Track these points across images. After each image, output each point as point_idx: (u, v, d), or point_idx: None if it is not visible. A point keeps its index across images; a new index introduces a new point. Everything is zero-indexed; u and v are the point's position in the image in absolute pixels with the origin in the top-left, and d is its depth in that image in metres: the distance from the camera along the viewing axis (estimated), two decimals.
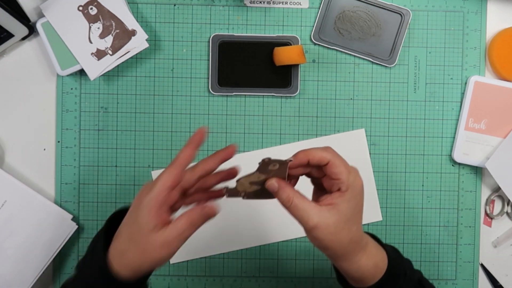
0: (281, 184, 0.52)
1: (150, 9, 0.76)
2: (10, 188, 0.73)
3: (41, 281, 0.75)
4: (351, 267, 0.53)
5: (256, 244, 0.77)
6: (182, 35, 0.77)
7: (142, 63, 0.77)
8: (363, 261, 0.54)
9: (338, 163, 0.51)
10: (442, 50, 0.77)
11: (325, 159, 0.51)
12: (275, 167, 0.52)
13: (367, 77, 0.77)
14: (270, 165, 0.52)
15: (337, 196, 0.51)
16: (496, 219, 0.78)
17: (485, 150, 0.75)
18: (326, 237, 0.50)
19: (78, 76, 0.76)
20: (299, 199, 0.51)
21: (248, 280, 0.77)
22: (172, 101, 0.77)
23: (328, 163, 0.51)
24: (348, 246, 0.52)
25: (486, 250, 0.78)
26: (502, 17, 0.78)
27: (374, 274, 0.55)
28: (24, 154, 0.76)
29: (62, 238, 0.74)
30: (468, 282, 0.77)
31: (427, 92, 0.77)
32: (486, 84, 0.75)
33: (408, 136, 0.77)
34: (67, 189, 0.76)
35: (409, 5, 0.77)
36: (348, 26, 0.76)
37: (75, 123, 0.76)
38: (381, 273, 0.55)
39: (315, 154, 0.52)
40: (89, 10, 0.72)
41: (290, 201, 0.51)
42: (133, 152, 0.77)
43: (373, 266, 0.54)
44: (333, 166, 0.51)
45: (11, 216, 0.73)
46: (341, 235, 0.51)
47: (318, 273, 0.77)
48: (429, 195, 0.77)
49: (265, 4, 0.77)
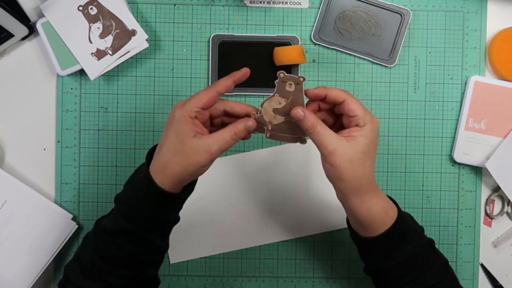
0: (306, 112, 0.55)
1: (150, 9, 0.76)
2: (10, 188, 0.74)
3: (41, 281, 0.75)
4: (362, 205, 0.56)
5: (256, 244, 0.77)
6: (182, 35, 0.77)
7: (142, 63, 0.77)
8: (373, 202, 0.56)
9: (354, 101, 0.56)
10: (442, 50, 0.77)
11: (342, 97, 0.56)
12: (291, 88, 0.57)
13: (367, 77, 0.77)
14: (286, 85, 0.57)
15: (355, 129, 0.55)
16: (496, 219, 0.78)
17: (485, 150, 0.75)
18: (342, 163, 0.53)
19: (78, 76, 0.76)
20: (321, 126, 0.55)
21: (248, 280, 0.77)
22: (172, 101, 0.77)
23: (344, 101, 0.56)
24: (362, 180, 0.55)
25: (486, 250, 0.78)
26: (502, 17, 0.78)
27: (384, 220, 0.57)
28: (24, 154, 0.76)
29: (62, 238, 0.74)
30: (468, 282, 0.77)
31: (427, 92, 0.77)
32: (486, 84, 0.75)
33: (408, 136, 0.77)
34: (67, 189, 0.76)
35: (409, 5, 0.77)
36: (348, 26, 0.76)
37: (75, 123, 0.76)
38: (390, 222, 0.57)
39: (333, 91, 0.56)
40: (89, 10, 0.72)
41: (314, 127, 0.55)
42: (133, 152, 0.77)
43: (382, 210, 0.57)
44: (349, 104, 0.55)
45: (11, 216, 0.73)
46: (356, 165, 0.54)
47: (318, 273, 0.77)
48: (429, 195, 0.77)
49: (265, 4, 0.77)
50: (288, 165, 0.77)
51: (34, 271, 0.73)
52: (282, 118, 0.58)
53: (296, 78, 0.56)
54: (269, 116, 0.58)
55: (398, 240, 0.58)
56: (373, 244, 0.58)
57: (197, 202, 0.76)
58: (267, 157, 0.77)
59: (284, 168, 0.77)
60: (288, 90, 0.57)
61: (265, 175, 0.77)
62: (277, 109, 0.58)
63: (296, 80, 0.56)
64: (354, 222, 0.59)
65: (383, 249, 0.58)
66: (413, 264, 0.58)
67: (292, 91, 0.57)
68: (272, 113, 0.58)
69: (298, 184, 0.77)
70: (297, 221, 0.77)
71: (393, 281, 0.59)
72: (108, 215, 0.60)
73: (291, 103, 0.57)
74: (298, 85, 0.57)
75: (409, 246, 0.58)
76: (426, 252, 0.59)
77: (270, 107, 0.58)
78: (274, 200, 0.77)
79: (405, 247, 0.58)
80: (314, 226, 0.77)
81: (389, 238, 0.57)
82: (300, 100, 0.57)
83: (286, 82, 0.57)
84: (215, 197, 0.75)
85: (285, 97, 0.57)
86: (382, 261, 0.59)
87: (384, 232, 0.57)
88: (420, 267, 0.58)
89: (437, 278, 0.58)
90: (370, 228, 0.57)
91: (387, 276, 0.59)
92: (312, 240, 0.77)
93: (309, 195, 0.77)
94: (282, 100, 0.57)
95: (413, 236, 0.59)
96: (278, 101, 0.57)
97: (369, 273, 0.62)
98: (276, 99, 0.57)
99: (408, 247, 0.58)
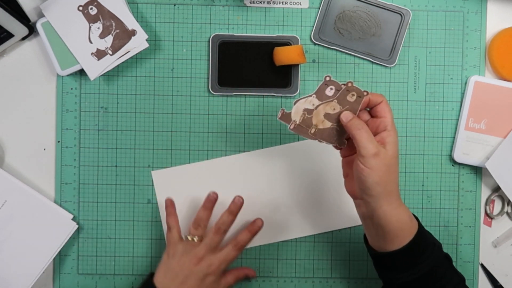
0: (353, 116, 0.59)
1: (150, 9, 0.76)
2: (10, 188, 0.74)
3: (41, 281, 0.75)
4: (393, 212, 0.57)
5: (256, 244, 0.77)
6: (182, 35, 0.77)
7: (142, 63, 0.77)
8: (401, 210, 0.57)
9: (387, 104, 0.59)
10: (442, 50, 0.77)
11: (381, 98, 0.59)
12: (352, 98, 0.59)
13: (367, 77, 0.77)
14: (349, 95, 0.59)
15: (385, 135, 0.58)
16: (496, 219, 0.78)
17: (485, 150, 0.75)
18: (382, 167, 0.55)
19: (78, 76, 0.76)
20: (367, 129, 0.57)
21: (248, 280, 0.77)
22: (172, 101, 0.77)
23: (381, 102, 0.59)
24: (393, 185, 0.57)
25: (486, 250, 0.78)
26: (502, 17, 0.78)
27: (410, 229, 0.58)
28: (24, 154, 0.76)
29: (62, 238, 0.74)
30: (468, 282, 0.77)
31: (427, 92, 0.77)
32: (486, 84, 0.75)
33: (408, 136, 0.77)
34: (67, 189, 0.76)
35: (409, 5, 0.77)
36: (348, 26, 0.76)
37: (75, 123, 0.76)
38: (414, 231, 0.58)
39: (373, 94, 0.60)
40: (89, 10, 0.72)
41: (361, 127, 0.57)
42: (133, 152, 0.77)
43: (409, 218, 0.58)
44: (384, 105, 0.59)
45: (11, 216, 0.73)
46: (392, 170, 0.57)
47: (318, 273, 0.77)
48: (429, 195, 0.77)
49: (265, 4, 0.77)
50: (295, 164, 0.77)
51: (34, 271, 0.73)
52: (329, 124, 0.60)
53: (361, 91, 0.59)
54: (318, 119, 0.60)
55: (420, 251, 0.58)
56: (397, 256, 0.58)
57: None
58: (273, 155, 0.77)
59: (290, 167, 0.77)
60: (348, 100, 0.59)
61: (273, 174, 0.77)
62: (328, 114, 0.60)
63: (360, 93, 0.59)
64: (380, 235, 0.59)
65: (407, 261, 0.58)
66: (434, 277, 0.58)
67: (351, 102, 0.59)
68: (322, 117, 0.60)
69: (307, 182, 0.77)
70: (305, 220, 0.77)
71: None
72: None
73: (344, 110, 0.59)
74: (360, 98, 0.59)
75: (430, 258, 0.58)
76: (445, 265, 0.60)
77: (324, 111, 0.60)
78: (281, 199, 0.77)
79: (426, 258, 0.58)
80: (320, 225, 0.77)
81: (413, 248, 0.58)
82: (355, 112, 0.59)
83: (350, 92, 0.59)
84: (222, 197, 0.75)
85: (342, 105, 0.59)
86: (404, 275, 0.58)
87: (410, 241, 0.57)
88: (440, 280, 0.58)
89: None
90: (397, 239, 0.57)
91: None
92: (312, 240, 0.77)
93: (316, 193, 0.77)
94: (338, 107, 0.59)
95: (432, 247, 0.59)
96: (334, 107, 0.59)
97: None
98: (333, 105, 0.59)
99: (429, 259, 0.58)
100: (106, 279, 0.77)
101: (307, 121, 0.60)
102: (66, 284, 0.76)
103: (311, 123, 0.60)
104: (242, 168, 0.77)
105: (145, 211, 0.77)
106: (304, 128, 0.60)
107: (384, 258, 0.60)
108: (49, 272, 0.76)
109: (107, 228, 0.77)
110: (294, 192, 0.77)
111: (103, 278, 0.77)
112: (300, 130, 0.60)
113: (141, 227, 0.77)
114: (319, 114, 0.60)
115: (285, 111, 0.60)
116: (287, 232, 0.77)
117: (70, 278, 0.77)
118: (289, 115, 0.60)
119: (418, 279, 0.58)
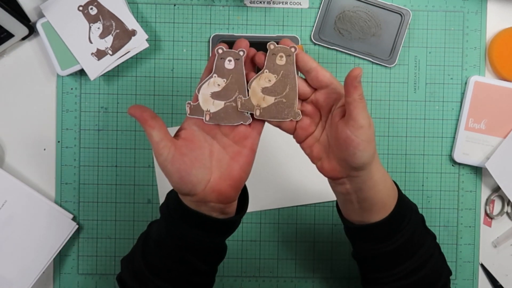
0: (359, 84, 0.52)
1: (150, 9, 0.76)
2: (10, 188, 0.74)
3: (41, 281, 0.75)
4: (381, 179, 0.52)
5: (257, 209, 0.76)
6: (182, 35, 0.77)
7: (142, 63, 0.77)
8: (386, 175, 0.54)
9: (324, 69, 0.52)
10: (442, 50, 0.77)
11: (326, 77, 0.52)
12: (282, 61, 0.51)
13: (367, 77, 0.77)
14: (277, 58, 0.51)
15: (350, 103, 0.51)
16: (496, 219, 0.78)
17: (485, 150, 0.75)
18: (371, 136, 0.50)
19: (78, 76, 0.76)
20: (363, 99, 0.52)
21: (248, 280, 0.77)
22: (172, 101, 0.77)
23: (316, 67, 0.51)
24: (375, 151, 0.51)
25: (486, 250, 0.78)
26: (502, 17, 0.78)
27: (394, 194, 0.54)
28: (24, 154, 0.76)
29: (62, 238, 0.74)
30: (468, 282, 0.77)
31: (427, 92, 0.77)
32: (486, 84, 0.75)
33: (408, 136, 0.77)
34: (67, 189, 0.76)
35: (409, 5, 0.77)
36: (348, 26, 0.76)
37: (75, 123, 0.76)
38: (395, 196, 0.55)
39: (303, 57, 0.52)
40: (89, 10, 0.72)
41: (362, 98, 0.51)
42: (133, 152, 0.77)
43: (392, 182, 0.55)
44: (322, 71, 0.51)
45: (11, 216, 0.73)
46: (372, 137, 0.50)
47: (318, 273, 0.77)
48: (429, 195, 0.77)
49: (265, 4, 0.77)
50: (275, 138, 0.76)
51: (34, 271, 0.73)
52: (272, 99, 0.52)
53: (287, 49, 0.51)
54: (257, 98, 0.52)
55: (401, 218, 0.55)
56: (380, 227, 0.54)
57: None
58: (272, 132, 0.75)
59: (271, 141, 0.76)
60: (278, 64, 0.51)
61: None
62: (266, 88, 0.52)
63: (288, 51, 0.51)
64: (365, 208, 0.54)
65: (388, 230, 0.55)
66: (411, 243, 0.55)
67: (282, 65, 0.51)
68: (261, 94, 0.52)
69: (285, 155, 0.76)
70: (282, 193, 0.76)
71: (388, 263, 0.56)
72: (159, 220, 0.57)
73: (281, 79, 0.52)
74: (290, 57, 0.51)
75: (409, 224, 0.55)
76: (420, 229, 0.57)
77: (259, 87, 0.52)
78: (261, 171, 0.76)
79: (406, 225, 0.55)
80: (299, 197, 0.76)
81: (396, 215, 0.54)
82: (292, 75, 0.52)
83: (277, 55, 0.51)
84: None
85: (275, 72, 0.51)
86: (384, 245, 0.55)
87: (393, 209, 0.54)
88: (416, 245, 0.56)
89: (429, 253, 0.56)
90: (384, 208, 0.53)
91: (384, 260, 0.56)
92: (312, 240, 0.77)
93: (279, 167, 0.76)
94: (272, 76, 0.52)
95: (411, 212, 0.56)
96: (268, 78, 0.52)
97: (363, 258, 0.58)
98: (266, 76, 0.52)
99: (408, 225, 0.55)
100: (106, 279, 0.77)
101: (247, 104, 0.52)
102: (66, 284, 0.76)
103: (252, 105, 0.52)
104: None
105: (145, 211, 0.77)
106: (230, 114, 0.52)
107: (365, 231, 0.55)
108: (49, 272, 0.76)
109: (107, 228, 0.77)
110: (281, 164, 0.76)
111: (103, 278, 0.77)
112: (223, 118, 0.52)
113: (141, 227, 0.77)
114: (255, 92, 0.52)
115: (191, 104, 0.52)
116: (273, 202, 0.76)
117: (70, 278, 0.77)
118: (198, 107, 0.52)
119: (398, 248, 0.55)
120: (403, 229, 0.55)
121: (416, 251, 0.56)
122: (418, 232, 0.56)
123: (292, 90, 0.52)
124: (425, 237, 0.57)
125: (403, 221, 0.55)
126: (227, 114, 0.52)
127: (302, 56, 0.52)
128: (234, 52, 0.51)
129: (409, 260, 0.55)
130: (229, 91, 0.52)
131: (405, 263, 0.55)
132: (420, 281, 0.56)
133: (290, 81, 0.52)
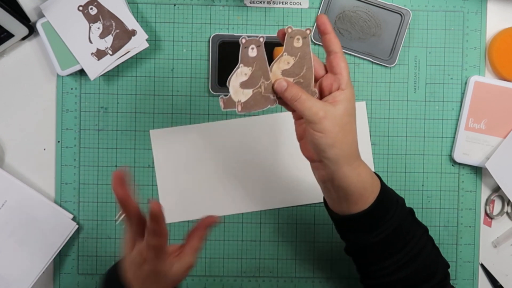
0: (288, 82, 0.54)
1: (150, 9, 0.76)
2: (10, 188, 0.74)
3: (41, 281, 0.75)
4: (354, 172, 0.54)
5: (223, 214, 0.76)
6: (182, 35, 0.77)
7: (142, 63, 0.77)
8: (361, 169, 0.55)
9: (344, 59, 0.55)
10: (442, 50, 0.77)
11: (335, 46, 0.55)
12: (299, 43, 0.54)
13: (367, 77, 0.77)
14: (294, 41, 0.54)
15: (338, 94, 0.54)
16: (496, 219, 0.78)
17: (485, 150, 0.75)
18: (334, 128, 0.52)
19: (78, 76, 0.76)
20: (306, 95, 0.53)
21: (248, 280, 0.77)
22: (172, 101, 0.77)
23: (336, 53, 0.55)
24: (352, 145, 0.54)
25: (486, 250, 0.78)
26: (502, 17, 0.78)
27: (372, 187, 0.55)
28: (24, 154, 0.76)
29: (62, 238, 0.74)
30: (468, 282, 0.77)
31: (427, 92, 0.77)
32: (486, 84, 0.75)
33: (408, 136, 0.77)
34: (67, 189, 0.76)
35: (409, 5, 0.77)
36: (348, 26, 0.76)
37: (75, 123, 0.76)
38: (377, 190, 0.56)
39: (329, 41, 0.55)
40: (89, 10, 0.72)
41: (298, 96, 0.53)
42: (133, 152, 0.77)
43: (370, 176, 0.56)
44: (340, 60, 0.55)
45: (11, 216, 0.73)
46: (347, 129, 0.53)
47: (318, 273, 0.77)
48: (429, 195, 0.77)
49: (265, 4, 0.77)
50: (260, 136, 0.76)
51: (34, 271, 0.73)
52: (291, 80, 0.55)
53: (303, 31, 0.54)
54: (276, 77, 0.55)
55: (385, 210, 0.56)
56: (362, 218, 0.56)
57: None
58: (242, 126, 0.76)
59: (256, 139, 0.76)
60: (296, 47, 0.54)
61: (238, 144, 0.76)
62: (286, 70, 0.55)
63: (303, 33, 0.54)
64: (342, 197, 0.56)
65: (372, 222, 0.56)
66: (398, 235, 0.56)
67: (299, 47, 0.54)
68: (281, 76, 0.55)
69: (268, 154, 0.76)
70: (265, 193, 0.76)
71: (378, 255, 0.57)
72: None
73: (299, 60, 0.54)
74: (305, 38, 0.54)
75: (394, 216, 0.56)
76: (409, 221, 0.58)
77: (279, 69, 0.55)
78: (243, 170, 0.76)
79: (391, 217, 0.56)
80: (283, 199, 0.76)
81: (378, 208, 0.55)
82: (307, 56, 0.55)
83: (294, 38, 0.54)
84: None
85: (293, 55, 0.54)
86: (370, 236, 0.56)
87: (374, 201, 0.55)
88: (405, 237, 0.57)
89: (420, 246, 0.57)
90: (360, 200, 0.55)
91: (373, 251, 0.57)
92: (312, 240, 0.77)
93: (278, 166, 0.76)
94: (290, 59, 0.54)
95: (396, 205, 0.57)
96: (287, 61, 0.55)
97: (354, 251, 0.60)
98: (285, 59, 0.54)
99: (394, 217, 0.56)
100: None
101: (269, 87, 0.55)
102: (66, 284, 0.76)
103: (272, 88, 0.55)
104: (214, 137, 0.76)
105: (144, 211, 0.77)
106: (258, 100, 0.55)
107: (349, 221, 0.57)
108: (49, 272, 0.76)
109: (107, 228, 0.77)
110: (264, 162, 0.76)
111: None
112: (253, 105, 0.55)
113: None
114: (276, 75, 0.55)
115: (224, 98, 0.54)
116: (255, 203, 0.76)
117: (70, 278, 0.77)
118: (230, 99, 0.54)
119: (384, 239, 0.56)
120: (388, 221, 0.56)
121: (406, 243, 0.57)
122: (406, 224, 0.58)
123: (308, 70, 0.55)
124: (415, 230, 0.58)
125: (387, 213, 0.56)
126: (256, 101, 0.55)
127: (330, 37, 0.55)
128: (255, 39, 0.53)
129: (400, 253, 0.56)
130: (255, 78, 0.54)
131: (396, 255, 0.57)
132: (415, 273, 0.57)
133: (306, 62, 0.55)
